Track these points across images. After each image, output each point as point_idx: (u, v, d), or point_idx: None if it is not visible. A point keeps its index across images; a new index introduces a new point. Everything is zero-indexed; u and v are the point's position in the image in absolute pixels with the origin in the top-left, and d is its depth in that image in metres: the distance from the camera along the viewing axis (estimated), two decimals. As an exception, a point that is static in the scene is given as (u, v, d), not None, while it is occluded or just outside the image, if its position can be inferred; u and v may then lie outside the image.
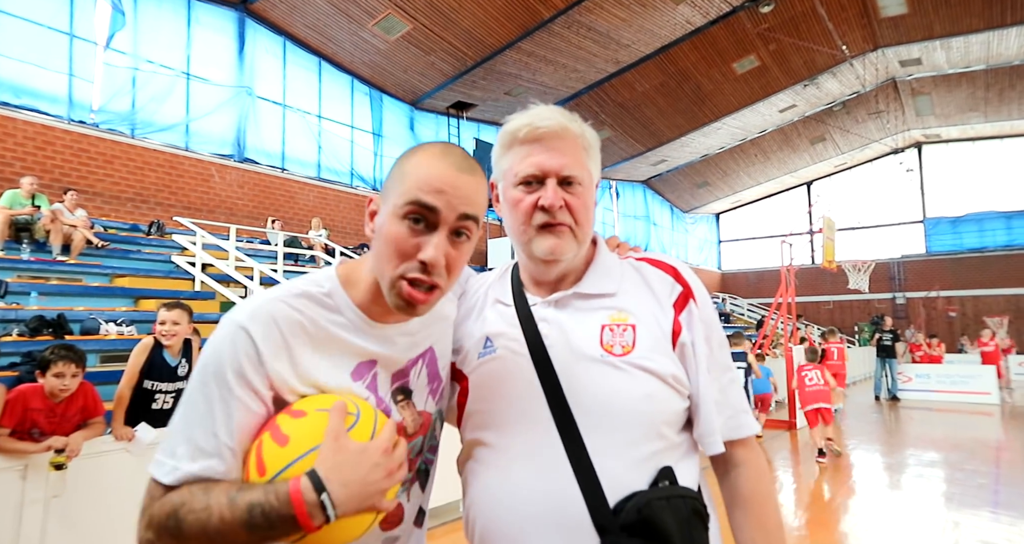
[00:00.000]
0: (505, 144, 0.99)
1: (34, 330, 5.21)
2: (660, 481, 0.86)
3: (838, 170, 22.55)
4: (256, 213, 11.15)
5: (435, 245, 0.83)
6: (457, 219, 0.84)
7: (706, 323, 0.97)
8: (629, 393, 0.89)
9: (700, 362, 0.94)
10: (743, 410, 0.99)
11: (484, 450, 0.95)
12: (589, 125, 1.02)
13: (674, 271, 1.01)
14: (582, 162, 0.97)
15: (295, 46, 12.16)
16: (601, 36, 12.48)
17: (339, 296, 0.90)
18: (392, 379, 0.93)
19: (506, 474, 0.90)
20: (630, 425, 0.88)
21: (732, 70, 14.59)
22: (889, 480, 5.71)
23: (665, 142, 17.62)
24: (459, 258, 0.87)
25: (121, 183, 9.41)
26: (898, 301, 21.06)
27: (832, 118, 17.96)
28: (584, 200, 0.96)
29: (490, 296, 1.07)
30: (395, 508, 0.92)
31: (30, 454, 2.65)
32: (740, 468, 0.97)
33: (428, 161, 0.86)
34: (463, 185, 0.85)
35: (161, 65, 10.03)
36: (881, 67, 15.07)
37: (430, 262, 0.82)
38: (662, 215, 22.83)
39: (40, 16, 8.66)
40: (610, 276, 1.00)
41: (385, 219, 0.86)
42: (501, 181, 1.01)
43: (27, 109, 8.51)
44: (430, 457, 1.01)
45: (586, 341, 0.93)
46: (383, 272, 0.86)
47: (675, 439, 0.92)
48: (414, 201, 0.83)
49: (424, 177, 0.84)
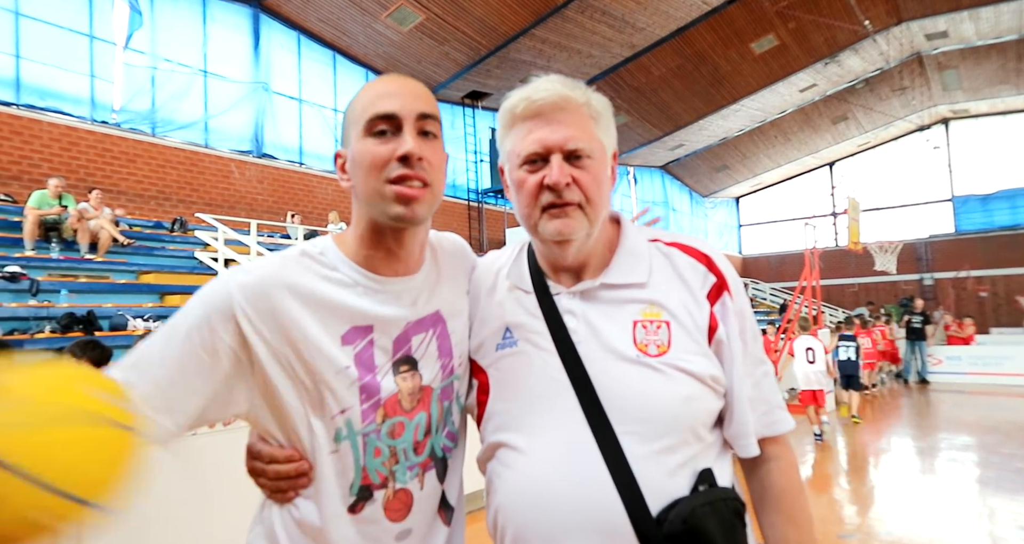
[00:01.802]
0: (506, 124, 0.93)
1: (65, 327, 5.33)
2: (700, 484, 0.83)
3: (861, 150, 21.99)
4: (276, 208, 11.26)
5: (407, 139, 0.85)
6: (417, 119, 0.87)
7: (740, 315, 0.92)
8: (668, 397, 0.84)
9: (735, 358, 0.89)
10: (777, 405, 0.95)
11: (510, 453, 0.89)
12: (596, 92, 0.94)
13: (707, 259, 0.94)
14: (589, 132, 0.89)
15: (309, 40, 12.18)
16: (616, 20, 12.29)
17: (332, 252, 0.92)
18: (394, 347, 0.91)
19: (539, 480, 0.85)
20: (669, 430, 0.83)
21: (750, 50, 14.27)
22: (922, 465, 5.61)
23: (683, 126, 17.35)
24: (436, 155, 0.89)
25: (144, 181, 9.57)
26: (926, 282, 20.56)
27: (855, 96, 17.49)
28: (595, 174, 0.88)
29: (503, 279, 1.01)
30: (402, 495, 0.90)
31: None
32: (771, 463, 0.93)
33: (371, 85, 0.91)
34: (411, 87, 0.89)
35: (179, 63, 10.13)
36: (905, 41, 14.61)
37: (410, 152, 0.84)
38: (681, 200, 22.55)
39: (61, 19, 8.80)
40: (639, 263, 0.93)
41: (352, 150, 0.88)
42: (506, 163, 0.95)
43: (52, 111, 8.68)
44: (448, 444, 0.97)
45: (619, 339, 0.88)
46: (369, 192, 0.87)
47: (710, 439, 0.88)
48: (371, 117, 0.86)
49: (372, 95, 0.88)
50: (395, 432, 0.90)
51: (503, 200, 15.50)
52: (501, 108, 0.93)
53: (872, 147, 21.81)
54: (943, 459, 5.75)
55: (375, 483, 0.89)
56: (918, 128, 18.95)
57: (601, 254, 0.95)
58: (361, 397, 0.88)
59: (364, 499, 0.88)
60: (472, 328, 1.01)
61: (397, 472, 0.90)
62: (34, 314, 5.51)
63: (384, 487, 0.89)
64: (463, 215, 15.01)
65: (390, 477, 0.90)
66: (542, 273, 0.97)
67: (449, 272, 1.03)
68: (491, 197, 15.62)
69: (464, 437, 1.03)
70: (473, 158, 15.28)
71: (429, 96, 0.91)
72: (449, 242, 1.09)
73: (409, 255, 0.94)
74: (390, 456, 0.89)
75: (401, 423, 0.90)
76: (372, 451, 0.88)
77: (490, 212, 15.74)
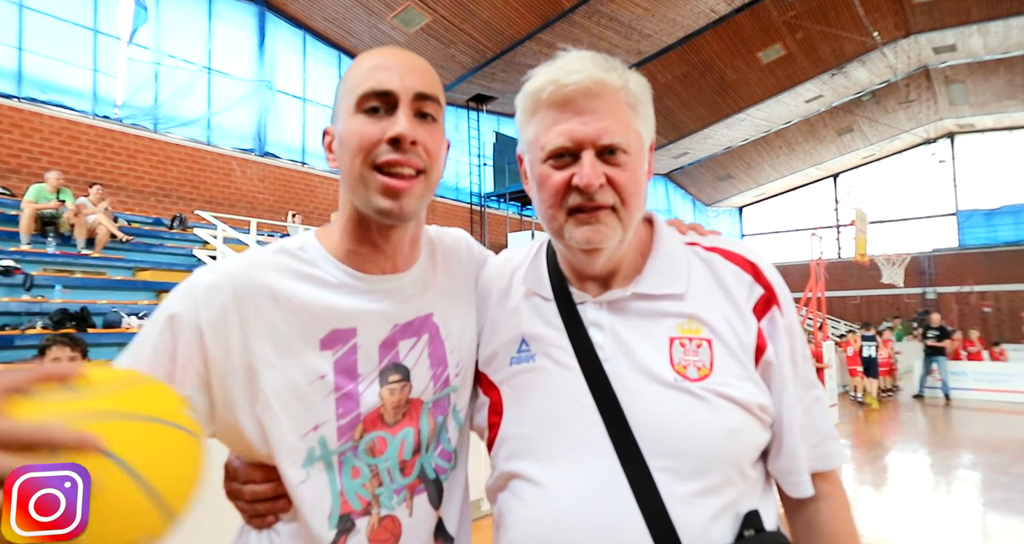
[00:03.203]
0: (528, 109, 0.80)
1: (57, 323, 5.23)
2: (746, 529, 0.71)
3: (866, 162, 21.97)
4: (276, 207, 11.18)
5: (400, 119, 0.74)
6: (415, 99, 0.75)
7: (791, 333, 0.79)
8: (711, 429, 0.72)
9: (786, 383, 0.77)
10: (830, 436, 0.82)
11: (526, 486, 0.77)
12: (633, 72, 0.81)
13: (753, 267, 0.82)
14: (627, 123, 0.76)
15: (315, 40, 12.14)
16: (623, 26, 12.25)
17: (313, 247, 0.82)
18: (380, 353, 0.80)
19: (559, 520, 0.73)
20: (712, 468, 0.72)
21: (757, 59, 14.25)
22: (926, 484, 5.50)
23: (687, 134, 17.32)
24: (433, 139, 0.77)
25: (144, 177, 9.49)
26: (928, 296, 20.47)
27: (860, 108, 17.47)
28: (632, 171, 0.76)
29: (519, 282, 0.89)
30: (388, 523, 0.79)
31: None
32: (821, 502, 0.80)
33: (366, 57, 0.79)
34: (412, 62, 0.78)
35: (183, 60, 10.07)
36: (913, 54, 14.59)
37: (401, 134, 0.73)
38: (684, 209, 22.50)
39: (65, 12, 8.73)
40: (676, 271, 0.81)
41: (340, 127, 0.77)
42: (527, 154, 0.81)
43: (53, 105, 8.60)
44: (442, 464, 0.85)
45: (654, 359, 0.76)
46: (353, 177, 0.76)
47: (754, 475, 0.76)
48: (364, 92, 0.75)
49: (367, 67, 0.77)
50: (375, 449, 0.79)
51: (506, 204, 15.44)
52: (523, 89, 0.80)
53: (877, 159, 21.79)
54: (948, 478, 5.64)
55: (356, 509, 0.78)
56: (924, 141, 18.90)
57: (632, 259, 0.83)
58: (338, 411, 0.77)
59: (345, 531, 0.77)
60: (482, 336, 0.90)
61: (381, 496, 0.79)
62: (27, 309, 5.41)
63: (367, 514, 0.78)
64: (465, 219, 14.93)
65: (373, 502, 0.78)
66: (563, 278, 0.85)
67: (448, 270, 0.92)
68: (494, 201, 15.55)
69: (465, 457, 0.91)
70: (477, 161, 15.22)
71: (431, 73, 0.80)
72: (451, 237, 0.98)
73: (397, 251, 0.83)
74: (371, 477, 0.78)
75: (382, 438, 0.79)
76: (350, 471, 0.77)
77: (492, 216, 15.67)
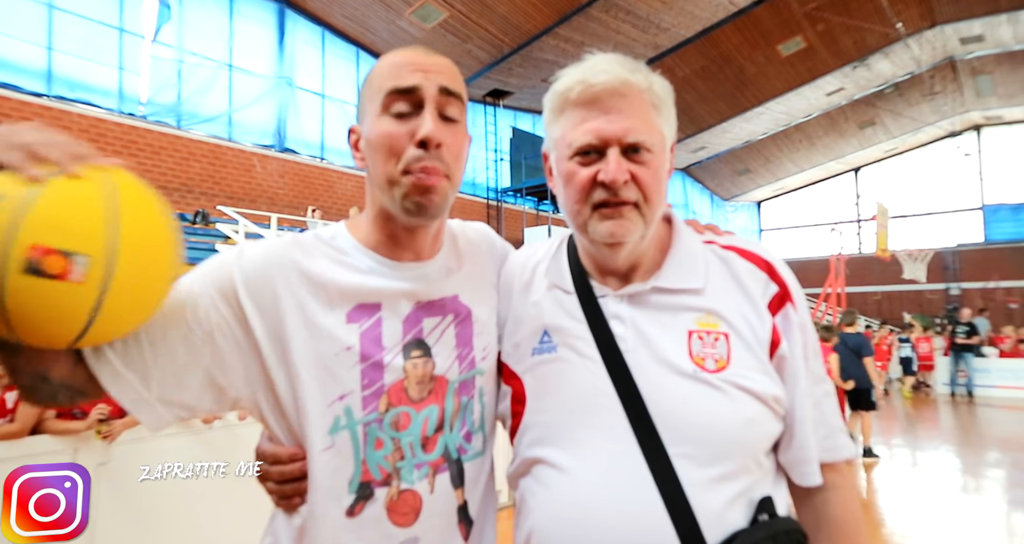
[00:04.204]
0: (555, 108, 0.84)
1: (88, 315, 5.39)
2: (760, 515, 0.75)
3: (888, 155, 21.56)
4: (296, 202, 11.33)
5: (427, 121, 0.78)
6: (439, 94, 0.80)
7: (803, 329, 0.83)
8: (729, 419, 0.76)
9: (799, 376, 0.81)
10: (839, 429, 0.86)
11: (549, 471, 0.81)
12: (658, 74, 0.86)
13: (768, 266, 0.85)
14: (651, 123, 0.81)
15: (333, 36, 12.25)
16: (640, 20, 12.17)
17: (344, 237, 0.88)
18: (404, 328, 0.84)
19: (581, 503, 0.77)
20: (729, 455, 0.76)
21: (777, 52, 14.06)
22: (953, 483, 5.43)
23: (705, 128, 17.16)
24: (457, 141, 0.82)
25: (168, 173, 9.68)
26: (952, 292, 20.09)
27: (883, 101, 17.14)
28: (655, 170, 0.80)
29: (541, 276, 0.92)
30: (408, 496, 0.82)
31: (78, 433, 2.72)
32: (829, 493, 0.84)
33: (390, 56, 0.84)
34: (435, 60, 0.83)
35: (205, 57, 10.23)
36: (939, 45, 14.28)
37: (428, 137, 0.78)
38: (701, 203, 22.31)
39: (92, 12, 8.93)
40: (694, 267, 0.85)
41: (368, 128, 0.82)
42: (553, 151, 0.85)
43: (81, 102, 8.81)
44: (465, 445, 0.88)
45: (673, 351, 0.79)
46: (384, 180, 0.81)
47: (768, 464, 0.81)
48: (391, 91, 0.79)
49: (392, 67, 0.81)
50: (399, 424, 0.82)
51: (522, 199, 15.46)
52: (552, 89, 0.84)
53: (899, 153, 21.38)
54: (973, 476, 5.57)
55: (376, 479, 0.81)
56: (948, 134, 18.52)
57: (653, 255, 0.87)
58: (363, 382, 0.81)
59: (364, 498, 0.81)
60: (505, 328, 0.94)
61: (402, 469, 0.82)
62: (57, 302, 5.58)
63: (387, 485, 0.82)
64: (482, 214, 14.98)
65: (394, 474, 0.82)
66: (584, 272, 0.89)
67: (472, 259, 0.96)
68: (510, 196, 15.58)
69: (491, 444, 0.94)
70: (493, 156, 15.25)
71: (455, 71, 0.84)
72: (474, 230, 1.03)
73: (423, 242, 0.88)
74: (394, 450, 0.82)
75: (406, 414, 0.83)
76: (373, 442, 0.81)
77: (509, 211, 15.70)
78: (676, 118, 0.89)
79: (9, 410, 2.62)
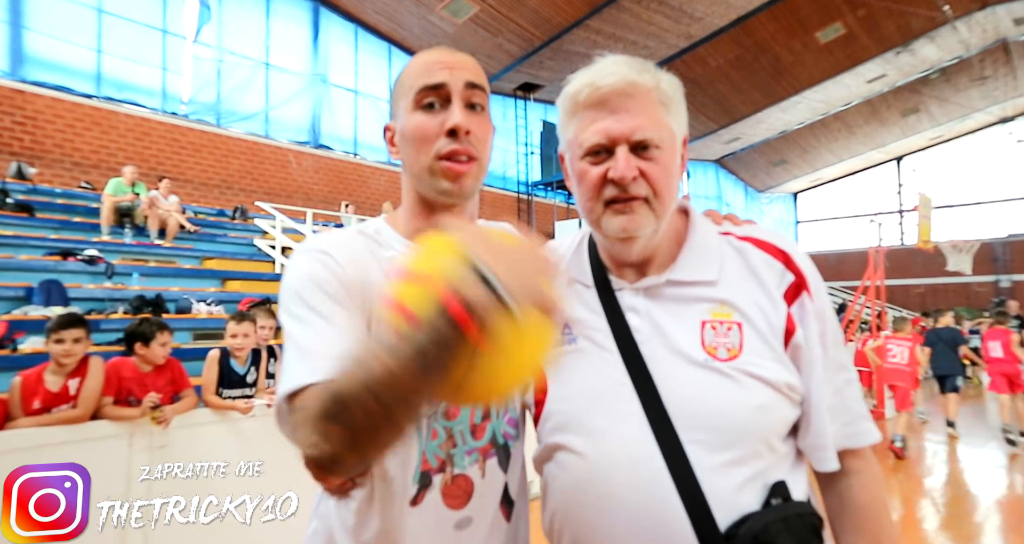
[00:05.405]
0: (567, 110, 0.88)
1: (136, 309, 5.65)
2: (773, 498, 0.77)
3: (933, 143, 20.76)
4: (331, 197, 11.57)
5: (455, 112, 0.86)
6: (465, 88, 0.88)
7: (821, 318, 0.84)
8: (738, 405, 0.78)
9: (815, 364, 0.83)
10: (862, 415, 0.87)
11: (569, 456, 0.84)
12: (666, 73, 0.88)
13: (784, 255, 0.87)
14: (659, 120, 0.84)
15: (366, 33, 12.42)
16: (673, 10, 11.98)
17: (386, 232, 0.94)
18: None
19: (597, 487, 0.80)
20: (740, 441, 0.78)
21: (815, 40, 13.65)
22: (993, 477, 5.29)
23: (739, 119, 16.80)
24: (483, 127, 0.90)
25: (208, 170, 10.01)
26: (1002, 284, 19.28)
27: (928, 87, 16.47)
28: (665, 165, 0.83)
29: (562, 271, 0.99)
30: (461, 481, 0.88)
31: (133, 419, 2.88)
32: (851, 477, 0.86)
33: (418, 57, 0.91)
34: (459, 58, 0.90)
35: (243, 56, 10.52)
36: (990, 27, 13.64)
37: (457, 126, 0.85)
38: (735, 195, 21.89)
39: (138, 14, 9.29)
40: (708, 259, 0.87)
41: (402, 123, 0.90)
42: (567, 152, 0.89)
43: (128, 102, 9.18)
44: (509, 430, 0.94)
45: (686, 340, 0.82)
46: (418, 166, 0.88)
47: (784, 449, 0.82)
48: (421, 88, 0.87)
49: (421, 66, 0.89)
50: (450, 414, 0.89)
51: (553, 193, 15.44)
52: (562, 93, 0.88)
53: (946, 141, 20.55)
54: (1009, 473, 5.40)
55: (433, 467, 0.87)
56: (999, 120, 17.71)
57: (668, 248, 0.90)
58: None
59: (424, 487, 0.87)
60: None
61: (455, 456, 0.88)
62: (109, 295, 5.86)
63: (442, 472, 0.87)
64: (512, 207, 15.03)
65: (448, 461, 0.88)
66: (603, 267, 0.92)
67: None
68: (541, 189, 15.58)
69: (524, 429, 1.00)
70: (524, 150, 15.26)
71: (477, 67, 0.91)
72: (498, 228, 1.08)
73: None
74: (447, 438, 0.88)
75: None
76: (430, 433, 0.87)
77: (540, 205, 15.71)
78: (709, 108, 0.92)
79: (72, 396, 2.79)
